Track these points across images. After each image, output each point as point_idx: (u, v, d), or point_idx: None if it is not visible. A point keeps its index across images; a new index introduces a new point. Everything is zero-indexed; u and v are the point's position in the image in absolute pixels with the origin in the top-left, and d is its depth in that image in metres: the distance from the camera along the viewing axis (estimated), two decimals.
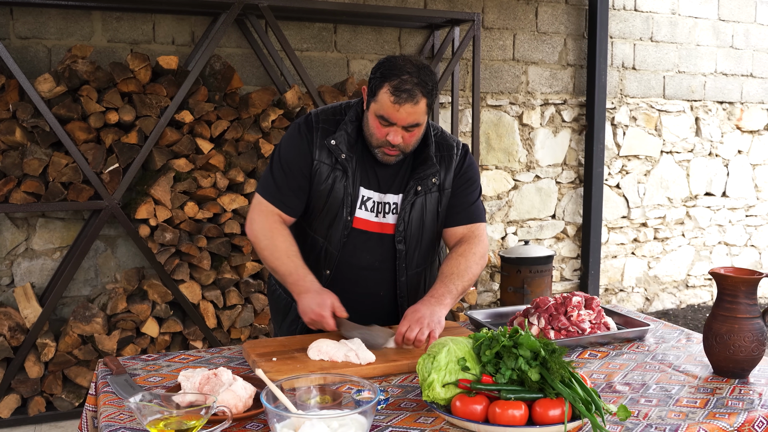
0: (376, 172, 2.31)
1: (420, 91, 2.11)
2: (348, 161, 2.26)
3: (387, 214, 2.32)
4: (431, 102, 2.17)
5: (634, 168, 6.11)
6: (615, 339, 2.28)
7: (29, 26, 4.12)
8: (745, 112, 6.52)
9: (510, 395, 1.59)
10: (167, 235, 4.08)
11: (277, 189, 2.29)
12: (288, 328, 2.47)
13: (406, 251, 2.34)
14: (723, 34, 6.32)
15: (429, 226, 2.36)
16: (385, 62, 2.16)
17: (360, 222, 2.31)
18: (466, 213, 2.38)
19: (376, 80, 2.15)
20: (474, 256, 2.30)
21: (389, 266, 2.35)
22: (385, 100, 2.12)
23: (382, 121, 2.16)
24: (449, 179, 2.36)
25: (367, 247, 2.33)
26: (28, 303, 3.98)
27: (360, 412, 1.47)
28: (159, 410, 1.51)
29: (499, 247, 5.65)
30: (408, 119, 2.14)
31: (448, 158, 2.36)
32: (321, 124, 2.30)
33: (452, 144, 2.39)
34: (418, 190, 2.30)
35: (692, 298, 6.59)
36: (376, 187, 2.31)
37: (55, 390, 3.96)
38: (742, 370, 1.95)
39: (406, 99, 2.10)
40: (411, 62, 2.14)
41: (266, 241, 2.27)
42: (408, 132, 2.18)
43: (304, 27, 4.75)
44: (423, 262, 2.41)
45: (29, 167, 3.82)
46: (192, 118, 4.13)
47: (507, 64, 5.46)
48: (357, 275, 2.34)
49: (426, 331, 2.04)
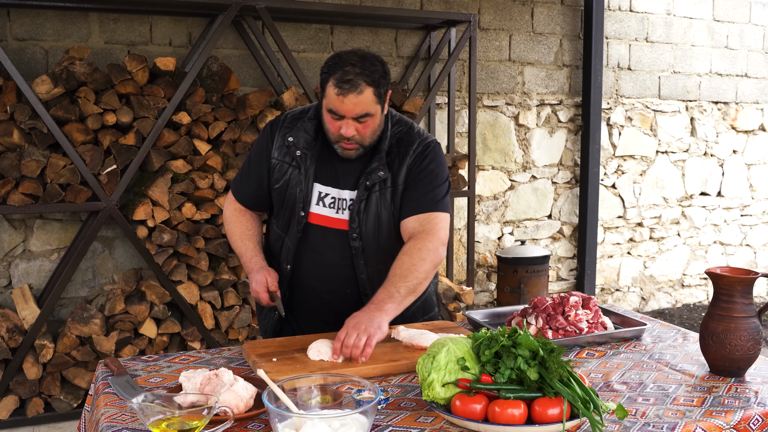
0: (336, 168, 2.33)
1: (363, 80, 2.13)
2: (303, 158, 2.31)
3: (344, 210, 2.32)
4: (379, 91, 2.17)
5: (630, 168, 6.13)
6: (612, 338, 2.30)
7: (26, 28, 4.12)
8: (740, 112, 6.55)
9: (509, 394, 1.61)
10: (165, 236, 4.08)
11: (240, 182, 2.48)
12: (262, 322, 2.57)
13: (363, 248, 2.32)
14: (718, 35, 6.34)
15: (386, 223, 2.32)
16: (331, 58, 2.20)
17: (318, 218, 2.33)
18: (417, 202, 2.30)
19: (324, 76, 2.19)
20: (420, 252, 2.21)
21: (349, 263, 2.34)
22: (331, 94, 2.15)
23: (333, 115, 2.19)
24: (402, 175, 2.31)
25: (328, 244, 2.34)
26: (26, 304, 3.98)
27: (361, 411, 1.48)
28: (161, 411, 1.52)
29: (495, 248, 5.66)
30: (355, 110, 2.15)
31: (403, 154, 2.32)
32: (285, 124, 2.38)
33: (414, 140, 2.34)
34: (368, 185, 2.29)
35: (688, 298, 6.62)
36: (335, 183, 2.32)
37: (54, 391, 3.97)
38: (738, 368, 1.97)
39: (348, 89, 2.12)
40: (356, 54, 2.17)
41: (228, 226, 2.51)
42: (360, 123, 2.19)
43: (300, 28, 4.76)
44: (383, 259, 2.32)
45: (27, 169, 3.82)
46: (189, 120, 4.13)
47: (503, 65, 5.47)
48: (321, 272, 2.36)
49: (363, 337, 2.00)
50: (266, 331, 2.54)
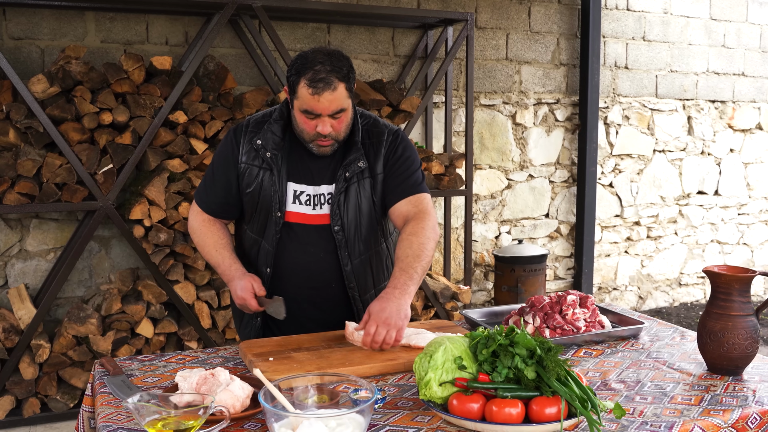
0: (308, 165, 2.35)
1: (335, 77, 2.15)
2: (273, 159, 2.32)
3: (323, 205, 2.35)
4: (350, 86, 2.21)
5: (627, 167, 6.13)
6: (610, 337, 2.30)
7: (22, 27, 4.11)
8: (737, 111, 6.55)
9: (506, 393, 1.60)
10: (162, 235, 4.07)
11: (205, 192, 2.45)
12: (244, 330, 2.53)
13: (346, 240, 2.35)
14: (715, 34, 6.35)
15: (366, 213, 2.37)
16: (297, 59, 2.22)
17: (295, 216, 2.34)
18: (403, 186, 2.38)
19: (292, 77, 2.20)
20: (425, 231, 2.29)
21: (333, 257, 2.37)
22: (304, 95, 2.17)
23: (307, 115, 2.20)
24: (380, 165, 2.37)
25: (309, 241, 2.36)
26: (22, 304, 3.97)
27: (358, 411, 1.48)
28: (157, 410, 1.51)
29: (492, 247, 5.66)
30: (330, 107, 2.18)
31: (377, 144, 2.38)
32: (250, 128, 2.38)
33: (383, 130, 2.41)
34: (347, 176, 2.32)
35: (685, 296, 6.62)
36: (310, 180, 2.35)
37: (50, 391, 3.95)
38: (736, 367, 1.96)
39: (323, 88, 2.14)
40: (321, 52, 2.20)
41: (197, 238, 2.46)
42: (335, 119, 2.22)
43: (297, 27, 4.76)
44: (366, 250, 2.40)
45: (23, 168, 3.81)
46: (186, 119, 4.12)
47: (500, 64, 5.47)
48: (305, 269, 2.37)
49: (393, 333, 2.07)
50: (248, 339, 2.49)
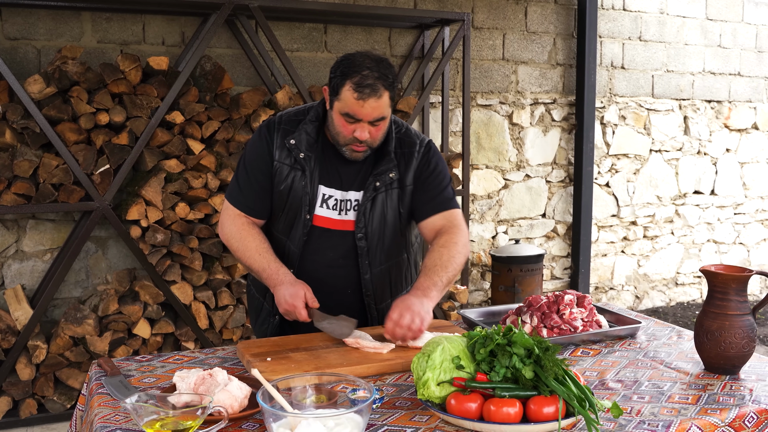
0: (338, 170, 2.33)
1: (382, 84, 2.13)
2: (306, 160, 2.29)
3: (348, 212, 2.33)
4: (393, 95, 2.19)
5: (624, 167, 6.14)
6: (607, 336, 2.30)
7: (18, 27, 4.10)
8: (732, 111, 6.57)
9: (504, 393, 1.60)
10: (158, 236, 4.07)
11: (241, 193, 2.36)
12: (260, 327, 2.52)
13: (368, 248, 2.34)
14: (711, 34, 6.36)
15: (391, 223, 2.36)
16: (343, 60, 2.18)
17: (321, 220, 2.33)
18: (436, 201, 2.37)
19: (337, 79, 2.17)
20: (456, 245, 2.29)
21: (353, 263, 2.36)
22: (348, 98, 2.14)
23: (347, 119, 2.18)
24: (410, 176, 2.36)
25: (330, 245, 2.34)
26: (19, 305, 3.97)
27: (356, 411, 1.48)
28: (155, 411, 1.51)
29: (489, 246, 5.67)
30: (373, 114, 2.16)
31: (408, 155, 2.37)
32: (283, 125, 2.34)
33: (414, 141, 2.39)
34: (377, 185, 2.31)
35: (681, 296, 6.63)
36: (339, 185, 2.33)
37: (47, 392, 3.95)
38: (733, 366, 1.97)
39: (369, 94, 2.12)
40: (369, 57, 2.17)
41: (237, 243, 2.35)
42: (374, 126, 2.20)
43: (294, 27, 4.75)
44: (387, 260, 2.39)
45: (19, 169, 3.81)
46: (183, 119, 4.12)
47: (497, 64, 5.47)
48: (323, 273, 2.35)
49: (417, 319, 2.06)
50: (264, 336, 2.50)
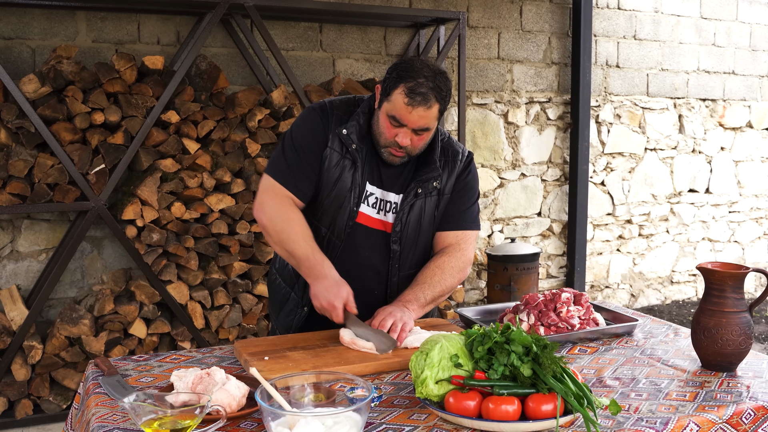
0: (380, 169, 2.30)
1: (434, 95, 2.10)
2: (358, 152, 2.25)
3: (387, 213, 2.32)
4: (443, 108, 2.16)
5: (619, 165, 6.15)
6: (604, 334, 2.30)
7: (13, 26, 4.08)
8: (727, 109, 6.58)
9: (503, 391, 1.60)
10: (154, 235, 4.06)
11: (290, 170, 2.24)
12: (285, 318, 2.44)
13: (401, 252, 2.33)
14: (705, 32, 6.38)
15: (426, 230, 2.36)
16: (402, 63, 2.16)
17: (362, 216, 2.30)
18: (457, 218, 2.37)
19: (391, 80, 2.13)
20: (452, 269, 2.31)
21: (383, 265, 2.35)
22: (398, 101, 2.11)
23: (393, 122, 2.15)
24: (450, 185, 2.35)
25: (366, 243, 2.32)
26: (14, 305, 3.95)
27: (354, 409, 1.47)
28: (153, 410, 1.50)
29: (485, 245, 5.67)
30: (419, 122, 2.13)
31: (452, 163, 2.36)
32: (335, 111, 2.28)
33: (458, 150, 2.39)
34: (419, 192, 2.29)
35: (677, 294, 6.65)
36: (380, 184, 2.30)
37: (43, 392, 3.94)
38: (730, 363, 1.97)
39: (420, 102, 2.09)
40: (428, 66, 2.13)
41: (282, 224, 2.20)
42: (417, 135, 2.17)
43: (289, 26, 4.75)
44: (416, 265, 2.38)
45: (14, 168, 3.80)
46: (178, 118, 4.11)
47: (492, 63, 5.48)
48: (355, 271, 2.31)
49: (399, 323, 2.08)
50: (289, 328, 2.44)
